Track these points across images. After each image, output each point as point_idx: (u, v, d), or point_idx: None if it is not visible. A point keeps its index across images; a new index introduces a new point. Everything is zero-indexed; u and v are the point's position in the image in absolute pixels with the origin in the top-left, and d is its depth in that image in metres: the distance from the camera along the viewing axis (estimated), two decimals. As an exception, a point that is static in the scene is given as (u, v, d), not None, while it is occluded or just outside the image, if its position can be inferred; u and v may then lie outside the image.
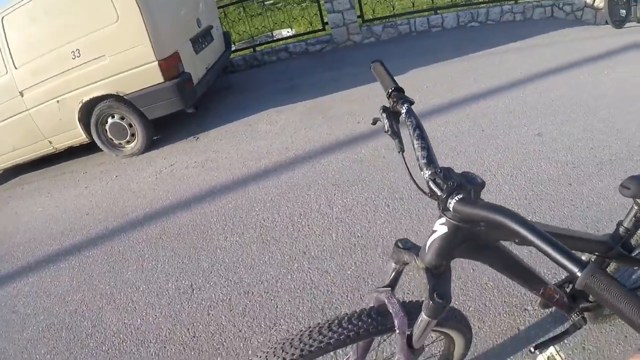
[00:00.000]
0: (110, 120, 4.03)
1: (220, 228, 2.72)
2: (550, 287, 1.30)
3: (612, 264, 1.59)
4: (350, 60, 5.58)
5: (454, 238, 0.91)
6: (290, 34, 6.13)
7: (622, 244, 1.39)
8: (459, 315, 1.24)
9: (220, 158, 3.61)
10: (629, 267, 1.77)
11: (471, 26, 6.38)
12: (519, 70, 4.72)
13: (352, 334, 1.04)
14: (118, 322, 2.20)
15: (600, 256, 1.39)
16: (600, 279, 0.62)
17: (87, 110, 3.97)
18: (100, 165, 4.21)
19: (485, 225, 0.92)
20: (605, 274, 0.63)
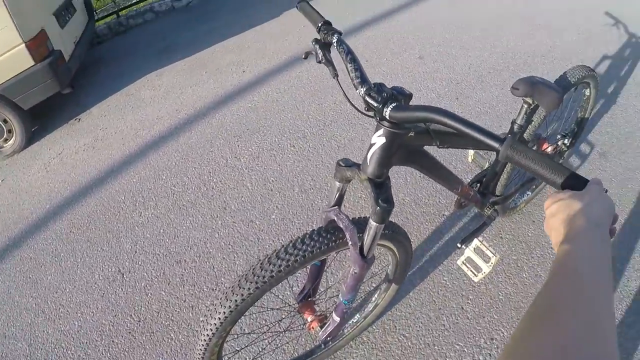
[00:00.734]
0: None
1: (132, 205, 2.67)
2: (466, 185, 1.47)
3: None
4: (221, 11, 5.40)
5: (391, 146, 1.00)
6: (151, -9, 5.72)
7: (517, 139, 1.56)
8: (397, 228, 1.34)
9: (109, 135, 3.44)
10: None
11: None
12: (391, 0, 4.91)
13: (307, 254, 1.11)
14: (55, 331, 2.06)
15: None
16: (517, 149, 0.70)
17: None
18: (-25, 173, 3.81)
19: (414, 132, 1.05)
20: (520, 144, 0.71)
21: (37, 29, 3.43)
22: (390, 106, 0.91)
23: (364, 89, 0.98)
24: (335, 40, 1.14)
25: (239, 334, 1.81)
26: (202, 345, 1.18)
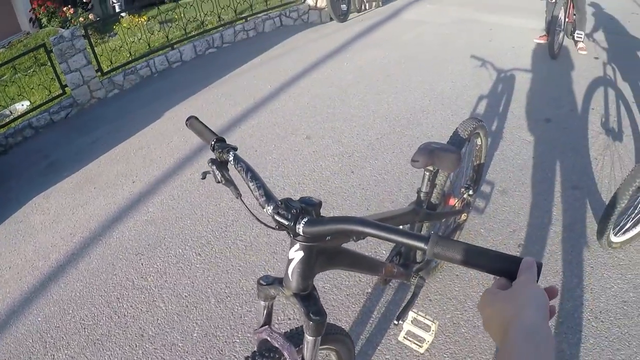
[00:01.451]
0: None
1: (42, 349, 2.46)
2: (388, 265, 1.48)
3: (426, 223, 1.82)
4: (101, 119, 5.45)
5: (310, 258, 0.98)
6: (27, 107, 5.67)
7: (427, 206, 1.65)
8: (335, 327, 1.32)
9: (4, 271, 3.27)
10: (438, 221, 2.06)
11: (209, 53, 6.88)
12: (268, 84, 5.24)
13: None
14: None
15: (414, 222, 1.61)
16: (443, 245, 0.71)
17: None
18: None
19: (331, 236, 1.02)
20: (444, 238, 0.72)
21: None
22: (302, 222, 0.90)
23: (271, 207, 0.97)
24: (231, 157, 1.12)
25: None
26: None
